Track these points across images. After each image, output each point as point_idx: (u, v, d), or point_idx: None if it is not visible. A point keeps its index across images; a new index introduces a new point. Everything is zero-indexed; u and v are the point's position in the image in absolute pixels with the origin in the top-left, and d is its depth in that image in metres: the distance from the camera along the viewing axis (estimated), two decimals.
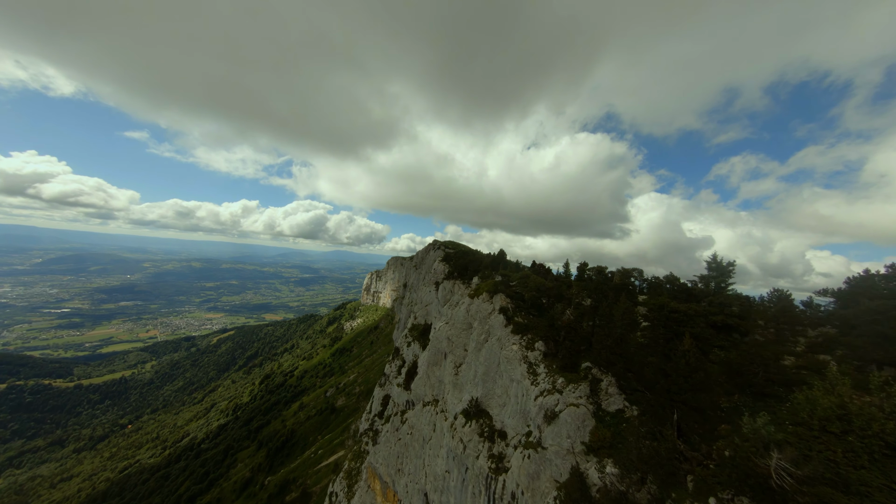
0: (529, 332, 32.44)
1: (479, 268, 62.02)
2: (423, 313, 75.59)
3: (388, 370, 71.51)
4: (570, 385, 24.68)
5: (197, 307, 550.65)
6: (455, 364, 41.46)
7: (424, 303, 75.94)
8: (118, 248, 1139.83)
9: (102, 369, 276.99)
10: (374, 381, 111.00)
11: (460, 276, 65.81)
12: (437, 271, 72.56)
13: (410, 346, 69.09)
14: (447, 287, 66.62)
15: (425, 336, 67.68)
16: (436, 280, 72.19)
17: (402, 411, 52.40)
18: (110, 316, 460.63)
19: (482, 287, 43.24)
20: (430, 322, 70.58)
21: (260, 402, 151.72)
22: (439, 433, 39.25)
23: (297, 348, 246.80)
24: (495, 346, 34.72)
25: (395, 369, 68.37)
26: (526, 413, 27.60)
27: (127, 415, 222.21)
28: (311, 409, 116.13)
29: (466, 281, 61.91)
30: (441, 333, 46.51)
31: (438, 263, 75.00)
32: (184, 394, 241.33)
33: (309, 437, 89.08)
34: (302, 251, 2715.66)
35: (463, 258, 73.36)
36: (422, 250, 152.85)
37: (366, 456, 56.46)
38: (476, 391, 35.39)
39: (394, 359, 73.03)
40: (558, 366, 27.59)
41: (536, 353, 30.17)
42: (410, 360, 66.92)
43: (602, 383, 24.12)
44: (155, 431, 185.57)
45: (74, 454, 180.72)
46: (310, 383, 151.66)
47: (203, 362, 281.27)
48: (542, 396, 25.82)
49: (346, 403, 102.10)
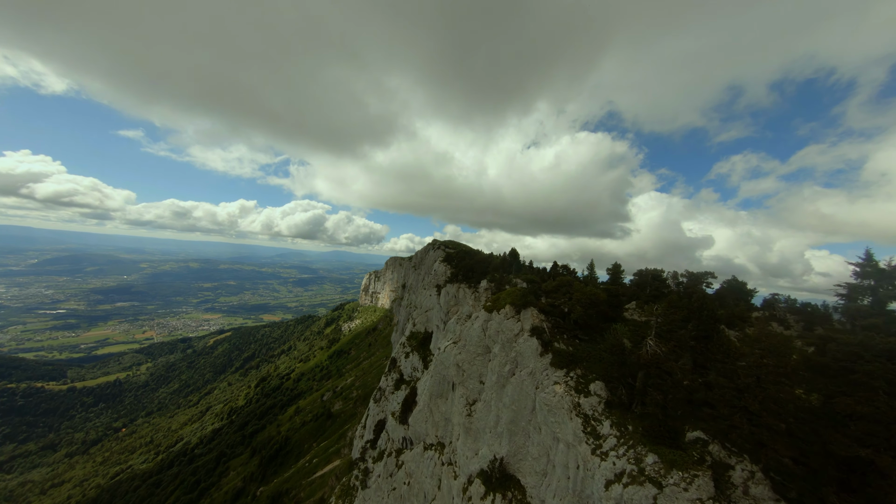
0: (579, 367, 22.32)
1: (486, 270, 57.17)
2: (422, 319, 69.77)
3: (384, 383, 66.06)
4: (673, 472, 14.24)
5: (194, 308, 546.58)
6: (467, 400, 31.68)
7: (424, 308, 70.23)
8: (115, 248, 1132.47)
9: (97, 371, 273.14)
10: (371, 385, 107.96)
11: (465, 280, 60.53)
12: (438, 273, 67.39)
13: (409, 358, 63.02)
14: (450, 292, 61.10)
15: (425, 347, 62.61)
16: (437, 283, 66.86)
17: (398, 450, 44.33)
18: (106, 317, 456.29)
19: (504, 297, 31.56)
20: (430, 330, 65.04)
21: (255, 405, 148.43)
22: (446, 494, 30.06)
23: (294, 350, 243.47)
24: (527, 382, 24.72)
25: (392, 384, 62.41)
26: (587, 500, 17.33)
27: (121, 418, 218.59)
28: (308, 413, 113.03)
29: (473, 285, 57.38)
30: (447, 357, 36.49)
31: (439, 265, 69.58)
32: (179, 396, 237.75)
33: (304, 445, 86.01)
34: (300, 251, 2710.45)
35: (466, 259, 68.55)
36: (421, 250, 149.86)
37: (354, 495, 49.56)
38: (499, 445, 25.53)
39: (390, 371, 67.17)
40: (642, 429, 16.79)
41: (594, 399, 19.97)
42: (408, 373, 60.48)
43: (734, 473, 13.89)
44: (149, 435, 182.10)
45: (67, 458, 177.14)
46: (306, 386, 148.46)
47: (199, 364, 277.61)
48: (618, 483, 15.33)
49: (342, 408, 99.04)
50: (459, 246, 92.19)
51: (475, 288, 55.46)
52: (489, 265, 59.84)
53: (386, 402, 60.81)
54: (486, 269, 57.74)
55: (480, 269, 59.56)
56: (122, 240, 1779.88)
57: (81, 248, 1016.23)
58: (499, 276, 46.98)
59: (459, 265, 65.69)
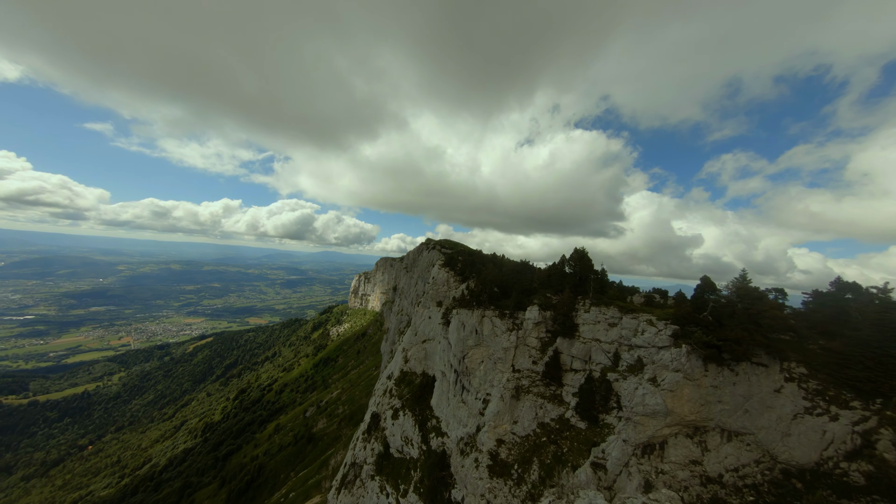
0: None
1: (525, 285, 39.26)
2: (419, 355, 50.07)
3: (361, 452, 47.51)
4: None
5: (176, 312, 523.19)
6: None
7: (422, 335, 50.63)
8: (90, 250, 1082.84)
9: (63, 383, 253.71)
10: (359, 399, 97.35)
11: (491, 301, 39.64)
12: (439, 282, 47.52)
13: (398, 419, 44.09)
14: (467, 323, 39.63)
15: (423, 402, 43.41)
16: (438, 299, 48.73)
17: None
18: (79, 323, 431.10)
19: None
20: (432, 374, 47.18)
21: (232, 421, 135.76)
22: None
23: (279, 356, 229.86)
24: None
25: (372, 461, 43.58)
26: None
27: (88, 434, 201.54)
28: (288, 432, 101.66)
29: (505, 312, 37.20)
30: None
31: (440, 271, 49.74)
32: (153, 409, 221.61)
33: (280, 474, 74.95)
34: (288, 252, 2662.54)
35: (476, 263, 48.88)
36: (413, 251, 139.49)
37: None
38: None
39: (370, 433, 47.23)
40: None
41: None
42: (397, 444, 42.17)
43: None
44: (116, 454, 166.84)
45: (23, 483, 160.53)
46: (289, 399, 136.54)
47: (177, 373, 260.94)
48: None
49: (326, 428, 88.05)
50: (457, 245, 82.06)
51: (513, 318, 36.31)
52: (526, 277, 41.54)
53: (362, 492, 42.73)
54: (524, 285, 39.22)
55: (511, 283, 40.36)
56: (98, 241, 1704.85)
57: (53, 249, 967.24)
58: (559, 298, 32.85)
59: (465, 271, 46.78)
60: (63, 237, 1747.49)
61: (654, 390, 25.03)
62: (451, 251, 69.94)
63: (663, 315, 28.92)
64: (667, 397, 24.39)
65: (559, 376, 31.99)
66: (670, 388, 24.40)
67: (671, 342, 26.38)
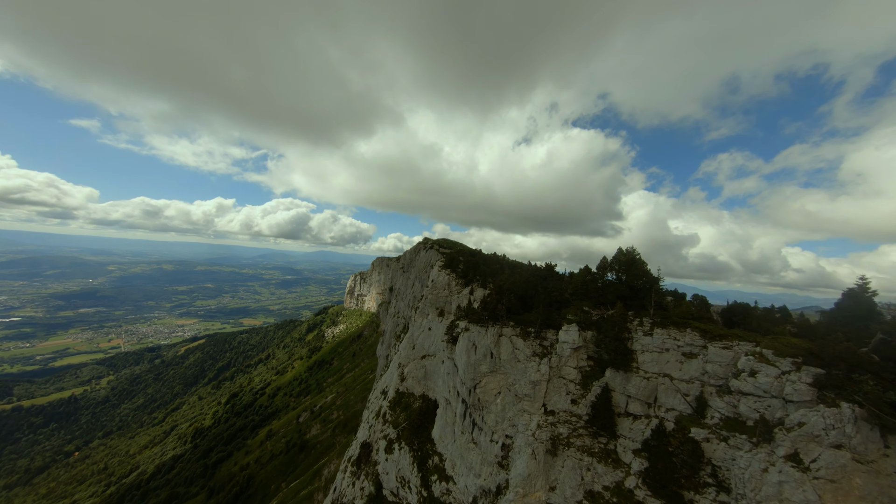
0: None
1: (559, 296, 30.74)
2: (418, 373, 43.12)
3: (350, 491, 40.69)
4: None
5: (168, 313, 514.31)
6: None
7: (420, 349, 44.09)
8: (79, 250, 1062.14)
9: (49, 387, 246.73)
10: (353, 404, 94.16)
11: (509, 315, 30.69)
12: (439, 285, 41.34)
13: (393, 454, 36.83)
14: (480, 343, 30.87)
15: (424, 433, 36.13)
16: (439, 306, 41.37)
17: None
18: (67, 325, 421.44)
19: None
20: (433, 398, 40.39)
21: (224, 426, 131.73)
22: None
23: (272, 359, 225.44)
24: None
25: (361, 498, 37.54)
26: None
27: (75, 440, 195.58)
28: (280, 438, 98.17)
29: (528, 331, 28.75)
30: None
31: (440, 273, 43.28)
32: (143, 413, 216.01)
33: (271, 485, 71.61)
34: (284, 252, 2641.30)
35: (480, 265, 41.81)
36: (410, 250, 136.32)
37: None
38: None
39: (359, 468, 40.53)
40: None
41: None
42: (392, 486, 35.40)
43: None
44: (103, 461, 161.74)
45: (5, 491, 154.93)
46: (282, 403, 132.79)
47: (167, 376, 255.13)
48: None
49: (319, 435, 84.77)
50: (456, 245, 79.08)
51: (541, 339, 27.90)
52: (553, 285, 32.78)
53: None
54: (551, 296, 30.97)
55: (533, 293, 32.61)
56: (87, 241, 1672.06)
57: (41, 249, 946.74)
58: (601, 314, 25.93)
59: (469, 273, 40.09)
60: (51, 237, 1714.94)
61: (800, 477, 15.42)
62: (450, 251, 66.90)
63: (783, 346, 19.09)
64: (824, 490, 14.92)
65: (611, 424, 23.13)
66: (829, 476, 15.07)
67: (815, 395, 16.86)
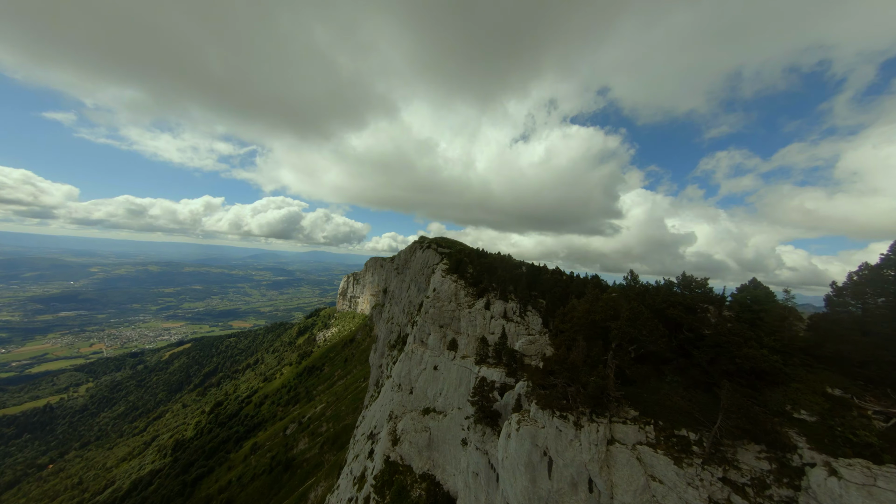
0: None
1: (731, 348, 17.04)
2: (417, 438, 31.68)
3: None
4: None
5: (153, 316, 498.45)
6: None
7: (421, 397, 33.17)
8: (60, 250, 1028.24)
9: (23, 395, 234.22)
10: (344, 416, 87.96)
11: (620, 393, 18.37)
12: (443, 296, 29.57)
13: None
14: (564, 455, 17.39)
15: None
16: (444, 323, 29.68)
17: None
18: (46, 329, 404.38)
19: None
20: (446, 487, 31.82)
21: (206, 437, 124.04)
22: None
23: (261, 364, 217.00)
24: None
25: None
26: None
27: (49, 451, 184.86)
28: (265, 452, 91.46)
29: (707, 446, 14.27)
30: None
31: (443, 280, 31.53)
32: (124, 422, 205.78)
33: None
34: (275, 252, 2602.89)
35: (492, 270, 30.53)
36: (405, 250, 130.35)
37: None
38: None
39: None
40: None
41: None
42: None
43: None
44: (78, 475, 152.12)
45: None
46: (269, 413, 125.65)
47: (150, 382, 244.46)
48: None
49: (306, 451, 78.39)
50: (455, 244, 73.14)
51: (725, 467, 13.45)
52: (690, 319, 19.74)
53: None
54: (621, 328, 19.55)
55: (646, 333, 19.87)
56: (69, 241, 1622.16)
57: (18, 250, 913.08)
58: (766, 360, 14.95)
59: (482, 280, 29.18)
60: (30, 237, 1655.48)
61: None
62: (450, 250, 61.13)
63: None
64: None
65: None
66: None
67: None
